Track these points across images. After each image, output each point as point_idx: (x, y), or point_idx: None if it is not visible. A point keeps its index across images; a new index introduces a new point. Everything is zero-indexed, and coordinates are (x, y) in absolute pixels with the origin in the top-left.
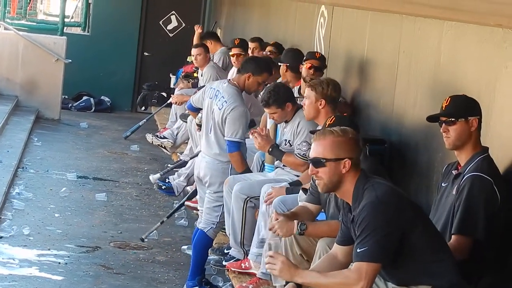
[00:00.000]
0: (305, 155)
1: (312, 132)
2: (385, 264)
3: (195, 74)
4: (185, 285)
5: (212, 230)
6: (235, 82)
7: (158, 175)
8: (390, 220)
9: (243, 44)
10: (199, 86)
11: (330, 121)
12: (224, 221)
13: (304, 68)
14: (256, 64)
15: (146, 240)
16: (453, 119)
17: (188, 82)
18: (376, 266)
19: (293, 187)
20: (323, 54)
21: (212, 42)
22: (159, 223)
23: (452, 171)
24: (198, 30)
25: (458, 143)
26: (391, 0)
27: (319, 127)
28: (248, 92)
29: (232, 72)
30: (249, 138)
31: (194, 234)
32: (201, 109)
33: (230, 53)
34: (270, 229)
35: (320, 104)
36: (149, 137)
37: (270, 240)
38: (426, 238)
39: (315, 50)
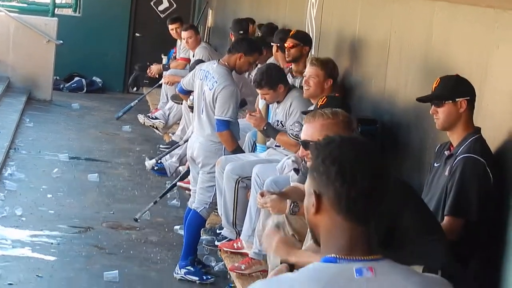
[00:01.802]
0: (298, 136)
1: (304, 113)
2: None
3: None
4: (177, 265)
5: (205, 210)
6: (225, 62)
7: (153, 161)
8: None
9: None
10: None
11: (322, 102)
12: (216, 201)
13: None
14: (247, 44)
15: (139, 220)
16: (441, 101)
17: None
18: None
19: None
20: (313, 34)
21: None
22: (152, 203)
23: (445, 152)
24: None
25: (447, 124)
26: None
27: (311, 108)
28: (239, 72)
29: None
30: (240, 118)
31: (186, 214)
32: (192, 91)
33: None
34: (260, 206)
35: (327, 83)
36: (141, 118)
37: (264, 220)
38: (418, 218)
39: (306, 31)
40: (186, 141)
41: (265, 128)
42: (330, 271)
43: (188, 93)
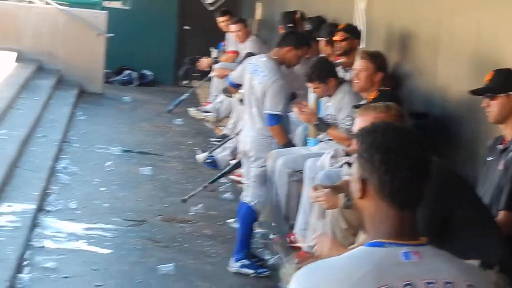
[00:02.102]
0: (349, 130)
1: (355, 107)
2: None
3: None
4: (232, 258)
5: (259, 204)
6: (274, 56)
7: (204, 154)
8: (438, 195)
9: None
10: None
11: (374, 96)
12: (270, 195)
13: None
14: (296, 37)
15: (186, 201)
16: (493, 94)
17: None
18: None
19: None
20: (362, 27)
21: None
22: (201, 187)
23: (498, 146)
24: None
25: (500, 117)
26: None
27: (362, 102)
28: (288, 65)
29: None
30: (291, 112)
31: (239, 208)
32: (241, 85)
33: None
34: (313, 201)
35: (377, 77)
36: (192, 111)
37: (315, 220)
38: (473, 212)
39: (354, 24)
40: (238, 134)
41: (316, 123)
42: (377, 255)
43: (238, 86)
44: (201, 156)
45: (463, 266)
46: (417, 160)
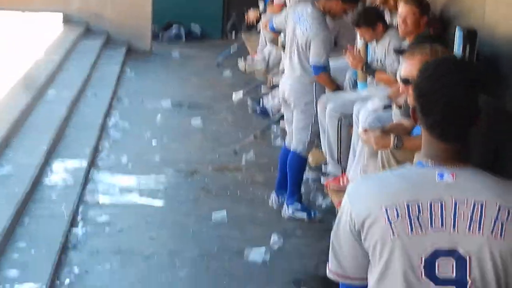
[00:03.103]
0: (396, 73)
1: (397, 51)
2: None
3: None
4: (285, 203)
5: (304, 149)
6: (320, 6)
7: (240, 93)
8: (488, 129)
9: None
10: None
11: (413, 40)
12: (314, 140)
13: None
14: None
15: (237, 152)
16: None
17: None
18: None
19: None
20: None
21: None
22: (252, 136)
23: None
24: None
25: None
26: None
27: (404, 45)
28: (333, 17)
29: None
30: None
31: (282, 154)
32: (282, 31)
33: None
34: (364, 143)
35: (423, 20)
36: (241, 64)
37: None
38: None
39: None
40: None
41: (364, 67)
42: (417, 172)
43: (279, 32)
44: (237, 95)
45: (501, 187)
46: (447, 103)
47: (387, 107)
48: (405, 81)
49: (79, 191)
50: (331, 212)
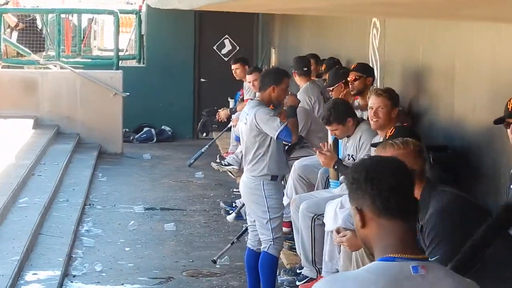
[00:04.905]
0: None
1: (373, 145)
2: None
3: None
4: None
5: (272, 247)
6: (260, 100)
7: (233, 215)
8: (457, 227)
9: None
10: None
11: (391, 133)
12: (281, 236)
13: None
14: (274, 74)
15: (218, 262)
16: None
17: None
18: None
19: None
20: (377, 64)
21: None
22: (229, 244)
23: None
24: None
25: None
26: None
27: (377, 139)
28: (278, 103)
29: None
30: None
31: (247, 257)
32: None
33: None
34: (337, 244)
35: (394, 113)
36: (214, 165)
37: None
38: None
39: (369, 62)
40: None
41: (335, 166)
42: (392, 268)
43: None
44: (231, 217)
45: (464, 281)
46: (396, 171)
47: None
48: None
49: None
50: None
